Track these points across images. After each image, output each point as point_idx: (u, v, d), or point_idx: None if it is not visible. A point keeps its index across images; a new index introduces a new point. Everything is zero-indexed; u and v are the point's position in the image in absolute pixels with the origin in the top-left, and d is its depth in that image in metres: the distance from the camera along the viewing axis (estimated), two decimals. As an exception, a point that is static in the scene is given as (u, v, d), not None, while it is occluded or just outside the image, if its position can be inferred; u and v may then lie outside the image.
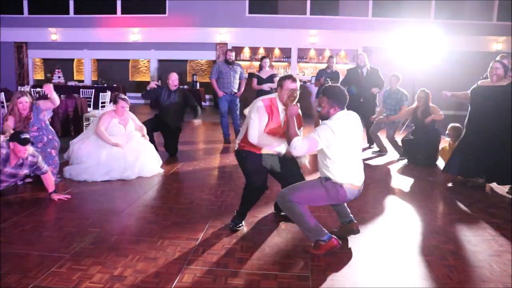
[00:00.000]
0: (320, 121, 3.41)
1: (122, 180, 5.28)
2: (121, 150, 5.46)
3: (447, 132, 6.30)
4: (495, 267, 3.15)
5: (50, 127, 5.21)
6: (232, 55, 8.08)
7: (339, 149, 3.21)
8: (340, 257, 3.25)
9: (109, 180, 5.24)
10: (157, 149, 6.08)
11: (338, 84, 3.58)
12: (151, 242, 3.45)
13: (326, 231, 3.30)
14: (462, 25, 14.06)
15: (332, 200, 3.36)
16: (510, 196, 5.02)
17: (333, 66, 8.60)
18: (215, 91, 8.10)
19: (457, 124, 6.23)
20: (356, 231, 3.57)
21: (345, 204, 3.63)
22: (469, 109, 5.41)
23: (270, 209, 4.27)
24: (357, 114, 3.43)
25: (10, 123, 4.79)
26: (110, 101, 6.29)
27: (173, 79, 6.74)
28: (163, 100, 6.70)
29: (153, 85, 6.77)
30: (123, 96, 5.75)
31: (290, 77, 3.68)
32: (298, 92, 3.61)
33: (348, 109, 3.37)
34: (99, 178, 5.23)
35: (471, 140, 5.29)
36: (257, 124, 3.59)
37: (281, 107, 3.67)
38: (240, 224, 3.78)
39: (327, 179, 3.28)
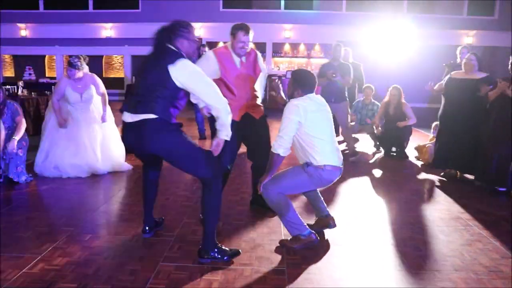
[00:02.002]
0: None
1: (95, 177, 5.21)
2: (79, 133, 5.24)
3: (432, 130, 6.44)
4: (467, 256, 3.22)
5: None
6: (205, 50, 8.05)
7: (314, 131, 3.19)
8: (315, 250, 3.26)
9: (79, 176, 5.17)
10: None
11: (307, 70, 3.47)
12: (126, 240, 3.41)
13: (307, 227, 3.32)
14: (434, 19, 14.33)
15: (316, 184, 3.36)
16: (478, 183, 5.13)
17: (341, 57, 6.77)
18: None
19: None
20: (333, 225, 3.57)
21: (321, 198, 3.65)
22: (442, 101, 5.48)
23: (246, 204, 4.27)
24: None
25: None
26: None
27: None
28: None
29: None
30: (73, 59, 5.37)
31: (243, 28, 3.51)
32: (250, 45, 3.56)
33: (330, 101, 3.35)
34: (69, 170, 5.13)
35: (446, 132, 5.37)
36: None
37: (236, 58, 3.60)
38: (215, 220, 3.74)
39: (308, 164, 3.24)
